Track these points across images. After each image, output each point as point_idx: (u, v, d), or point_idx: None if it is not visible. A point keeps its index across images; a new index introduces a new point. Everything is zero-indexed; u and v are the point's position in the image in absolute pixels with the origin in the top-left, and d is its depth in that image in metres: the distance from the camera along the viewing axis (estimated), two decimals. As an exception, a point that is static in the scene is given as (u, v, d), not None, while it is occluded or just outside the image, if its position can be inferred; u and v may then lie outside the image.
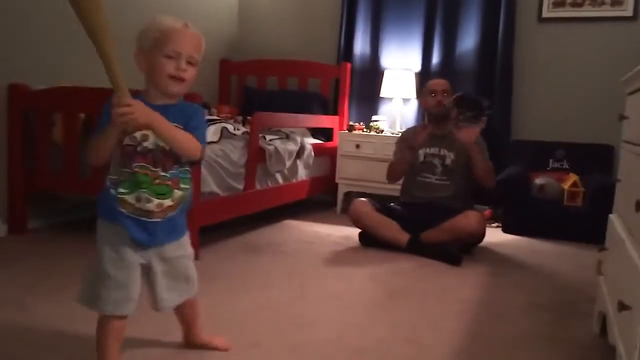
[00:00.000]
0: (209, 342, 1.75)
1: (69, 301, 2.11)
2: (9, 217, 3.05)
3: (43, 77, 3.14)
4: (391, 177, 3.42)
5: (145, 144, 1.42)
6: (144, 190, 1.42)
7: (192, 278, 1.62)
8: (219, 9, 4.79)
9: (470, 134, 3.08)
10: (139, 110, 1.32)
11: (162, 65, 1.44)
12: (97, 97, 2.88)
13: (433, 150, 3.33)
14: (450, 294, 2.47)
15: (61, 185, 3.04)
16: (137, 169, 1.42)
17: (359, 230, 3.31)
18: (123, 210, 1.42)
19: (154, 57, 1.44)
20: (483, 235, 3.19)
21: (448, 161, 3.29)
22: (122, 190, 1.42)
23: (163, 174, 1.44)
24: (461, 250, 3.05)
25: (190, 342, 1.75)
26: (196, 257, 2.72)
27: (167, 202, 1.45)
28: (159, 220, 1.45)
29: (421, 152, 3.35)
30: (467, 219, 3.04)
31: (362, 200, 3.30)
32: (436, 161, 3.31)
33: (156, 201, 1.43)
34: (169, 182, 1.45)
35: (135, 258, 1.47)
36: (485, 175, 3.20)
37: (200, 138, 1.47)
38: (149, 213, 1.43)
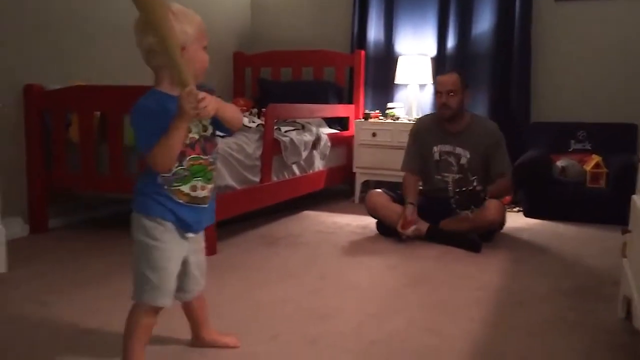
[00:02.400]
0: (219, 339, 1.73)
1: (89, 298, 2.13)
2: (30, 217, 3.09)
3: (57, 77, 3.16)
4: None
5: (191, 135, 1.44)
6: (199, 178, 1.46)
7: (205, 271, 1.65)
8: (231, 2, 4.77)
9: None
10: (210, 98, 1.36)
11: (203, 57, 1.47)
12: (111, 95, 2.92)
13: (447, 148, 3.20)
14: (470, 281, 2.44)
15: (79, 184, 3.06)
16: (191, 162, 1.45)
17: (377, 220, 3.28)
18: (180, 200, 1.45)
19: (195, 51, 1.45)
20: (503, 223, 3.13)
21: (463, 160, 3.16)
22: (176, 183, 1.44)
23: (211, 160, 1.50)
24: (482, 238, 3.00)
25: (201, 340, 1.73)
26: (215, 251, 2.76)
27: (212, 186, 1.51)
28: (205, 206, 1.50)
29: (435, 149, 3.22)
30: (487, 210, 2.96)
31: (378, 192, 3.26)
32: (451, 159, 3.19)
33: (208, 186, 1.49)
34: (214, 167, 1.52)
35: (181, 251, 1.51)
36: (500, 195, 3.13)
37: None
38: (203, 199, 1.49)
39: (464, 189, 2.85)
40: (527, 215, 3.78)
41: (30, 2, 3.04)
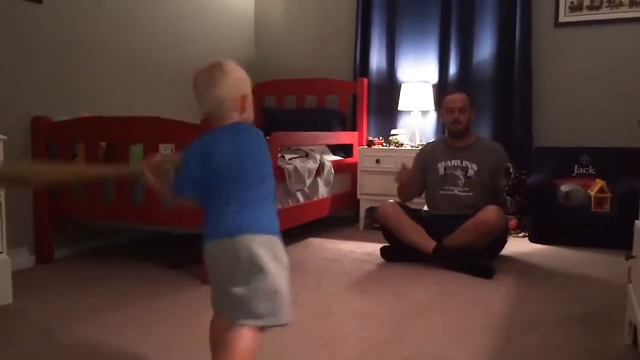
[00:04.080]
0: None
1: (94, 328, 2.13)
2: (36, 248, 3.10)
3: (64, 108, 3.20)
4: (401, 198, 3.41)
5: None
6: None
7: None
8: (235, 33, 4.85)
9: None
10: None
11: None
12: (117, 126, 2.96)
13: (454, 162, 3.31)
14: (476, 307, 2.42)
15: (85, 213, 3.08)
16: None
17: (381, 246, 3.28)
18: None
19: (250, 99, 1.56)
20: (505, 228, 3.16)
21: (471, 172, 3.26)
22: None
23: None
24: (488, 256, 3.01)
25: None
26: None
27: None
28: None
29: (440, 165, 3.33)
30: (486, 213, 3.02)
31: (391, 202, 3.29)
32: (458, 172, 3.28)
33: None
34: None
35: None
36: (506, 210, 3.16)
37: None
38: None
39: (522, 176, 2.91)
40: (532, 240, 3.77)
41: (38, 35, 3.10)
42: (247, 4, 5.04)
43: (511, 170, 3.01)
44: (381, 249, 3.28)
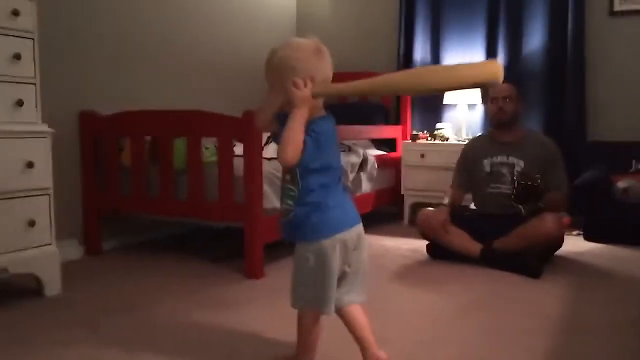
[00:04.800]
0: None
1: (141, 320, 2.14)
2: (84, 239, 3.16)
3: (111, 103, 3.25)
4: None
5: None
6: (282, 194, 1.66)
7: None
8: (277, 26, 4.83)
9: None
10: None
11: None
12: (161, 120, 2.98)
13: (500, 158, 3.16)
14: (527, 308, 2.32)
15: (130, 206, 3.12)
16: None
17: (427, 242, 3.20)
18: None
19: None
20: (562, 239, 3.00)
21: (518, 169, 3.09)
22: None
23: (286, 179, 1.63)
24: (539, 259, 2.87)
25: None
26: (261, 275, 2.74)
27: (285, 204, 1.64)
28: (283, 219, 1.64)
29: (486, 162, 3.19)
30: (543, 222, 2.86)
31: (431, 211, 3.18)
32: (504, 170, 3.13)
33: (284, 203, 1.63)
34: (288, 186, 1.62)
35: None
36: (555, 209, 3.02)
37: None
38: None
39: (529, 182, 2.82)
40: (587, 238, 3.61)
41: (86, 30, 3.15)
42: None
43: (515, 177, 2.91)
44: (427, 245, 3.20)
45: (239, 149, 2.85)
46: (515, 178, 2.99)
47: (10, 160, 2.23)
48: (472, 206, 3.38)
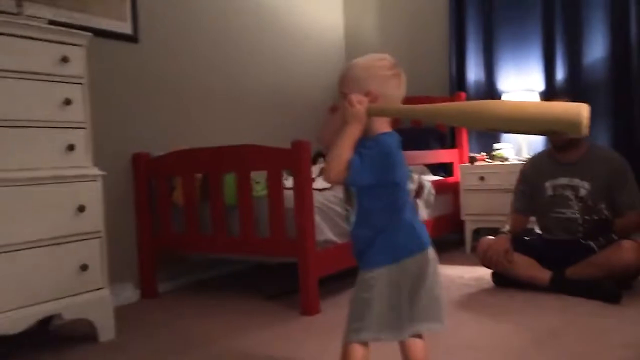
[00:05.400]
0: None
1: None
2: (140, 282, 3.15)
3: (162, 144, 3.27)
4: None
5: None
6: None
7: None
8: (325, 55, 4.80)
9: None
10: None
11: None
12: (210, 156, 2.97)
13: (563, 180, 2.92)
14: (610, 337, 2.10)
15: (185, 246, 3.10)
16: None
17: (492, 271, 3.00)
18: None
19: None
20: None
21: (583, 192, 2.85)
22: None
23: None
24: (618, 285, 2.62)
25: None
26: (318, 311, 2.63)
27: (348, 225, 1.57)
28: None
29: (547, 185, 2.96)
30: (621, 250, 2.61)
31: (492, 240, 2.99)
32: (568, 193, 2.89)
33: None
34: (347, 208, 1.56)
35: None
36: (634, 230, 2.79)
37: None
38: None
39: (595, 217, 2.63)
40: (669, 258, 3.30)
41: (135, 73, 3.21)
42: (337, 25, 4.99)
43: (580, 214, 2.73)
44: (492, 273, 3.00)
45: (290, 182, 2.79)
46: (580, 215, 2.77)
47: (61, 204, 2.24)
48: (537, 230, 3.16)
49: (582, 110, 1.20)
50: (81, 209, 2.29)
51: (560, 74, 4.08)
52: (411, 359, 1.53)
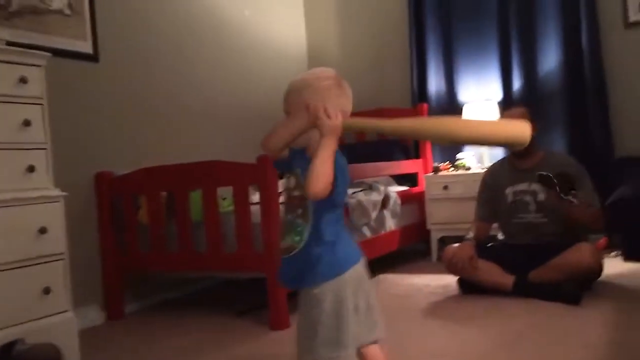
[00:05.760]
0: None
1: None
2: (106, 304, 3.09)
3: (126, 162, 3.23)
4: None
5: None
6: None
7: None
8: (288, 71, 4.84)
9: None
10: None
11: None
12: (175, 174, 2.95)
13: (522, 186, 3.01)
14: (572, 338, 2.16)
15: (151, 265, 3.06)
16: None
17: (457, 278, 3.05)
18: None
19: None
20: (600, 269, 2.82)
21: (541, 197, 2.93)
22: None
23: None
24: (579, 287, 2.70)
25: None
26: (287, 325, 2.62)
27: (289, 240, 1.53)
28: (285, 256, 1.53)
29: (508, 191, 3.05)
30: (579, 253, 2.70)
31: (457, 247, 3.05)
32: (527, 198, 2.98)
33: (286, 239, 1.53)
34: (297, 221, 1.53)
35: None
36: (591, 223, 2.87)
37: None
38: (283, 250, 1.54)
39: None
40: (627, 259, 3.42)
41: (96, 92, 3.18)
42: (299, 35, 5.03)
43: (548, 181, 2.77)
44: (457, 280, 3.06)
45: (256, 197, 2.79)
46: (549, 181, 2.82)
47: (22, 227, 2.19)
48: (500, 236, 3.23)
49: (526, 129, 1.40)
50: (42, 230, 2.24)
51: (517, 84, 4.20)
52: None
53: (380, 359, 1.52)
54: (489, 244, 3.10)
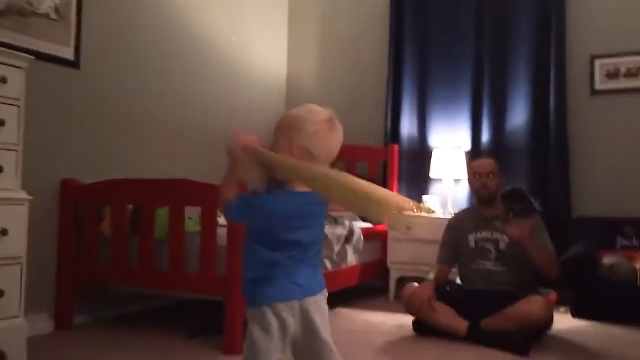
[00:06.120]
0: None
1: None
2: (56, 313, 3.02)
3: (94, 171, 3.21)
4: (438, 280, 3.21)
5: None
6: None
7: None
8: (266, 95, 4.88)
9: (522, 229, 2.92)
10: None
11: None
12: (144, 188, 2.94)
13: (484, 234, 3.14)
14: (518, 390, 2.22)
15: (109, 278, 3.01)
16: None
17: (413, 319, 3.10)
18: None
19: None
20: (550, 322, 2.93)
21: (502, 245, 3.07)
22: None
23: None
24: (528, 339, 2.78)
25: None
26: (240, 350, 2.59)
27: None
28: None
29: (471, 237, 3.17)
30: (531, 305, 2.80)
31: (416, 287, 3.11)
32: (489, 245, 3.11)
33: None
34: None
35: None
36: (546, 266, 2.99)
37: None
38: None
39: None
40: (575, 316, 3.53)
41: (71, 99, 3.16)
42: (280, 66, 5.11)
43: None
44: (413, 321, 3.10)
45: (223, 219, 2.80)
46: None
47: (-17, 227, 2.16)
48: (458, 281, 3.31)
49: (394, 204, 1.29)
50: (3, 232, 2.21)
51: (485, 136, 4.36)
52: None
53: None
54: (447, 288, 3.17)
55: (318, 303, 1.47)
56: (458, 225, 3.28)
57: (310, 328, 1.44)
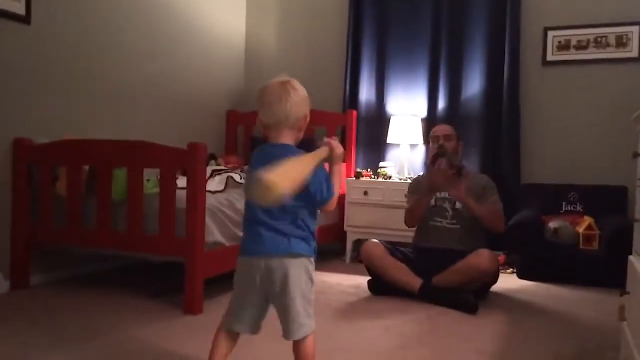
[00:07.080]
0: None
1: (63, 358, 2.02)
2: (11, 273, 2.99)
3: (46, 131, 3.14)
4: (410, 220, 3.31)
5: None
6: None
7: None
8: (225, 61, 4.85)
9: (458, 190, 3.09)
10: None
11: None
12: (101, 149, 2.90)
13: (443, 194, 3.27)
14: (466, 344, 2.35)
15: (65, 239, 2.98)
16: None
17: (369, 279, 3.21)
18: None
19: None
20: (497, 274, 3.10)
21: (458, 205, 3.22)
22: None
23: None
24: (476, 295, 2.94)
25: None
26: (200, 311, 2.66)
27: None
28: None
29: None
30: (479, 257, 2.96)
31: (375, 242, 3.23)
32: (446, 205, 3.26)
33: None
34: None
35: None
36: (491, 220, 3.15)
37: None
38: None
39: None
40: (520, 276, 3.72)
41: (22, 56, 3.06)
42: (238, 33, 5.05)
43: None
44: (368, 281, 3.21)
45: (182, 181, 2.80)
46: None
47: None
48: (411, 241, 3.44)
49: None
50: (-44, 192, 2.16)
51: (441, 104, 4.45)
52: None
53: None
54: (402, 247, 3.29)
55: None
56: (419, 185, 3.40)
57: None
